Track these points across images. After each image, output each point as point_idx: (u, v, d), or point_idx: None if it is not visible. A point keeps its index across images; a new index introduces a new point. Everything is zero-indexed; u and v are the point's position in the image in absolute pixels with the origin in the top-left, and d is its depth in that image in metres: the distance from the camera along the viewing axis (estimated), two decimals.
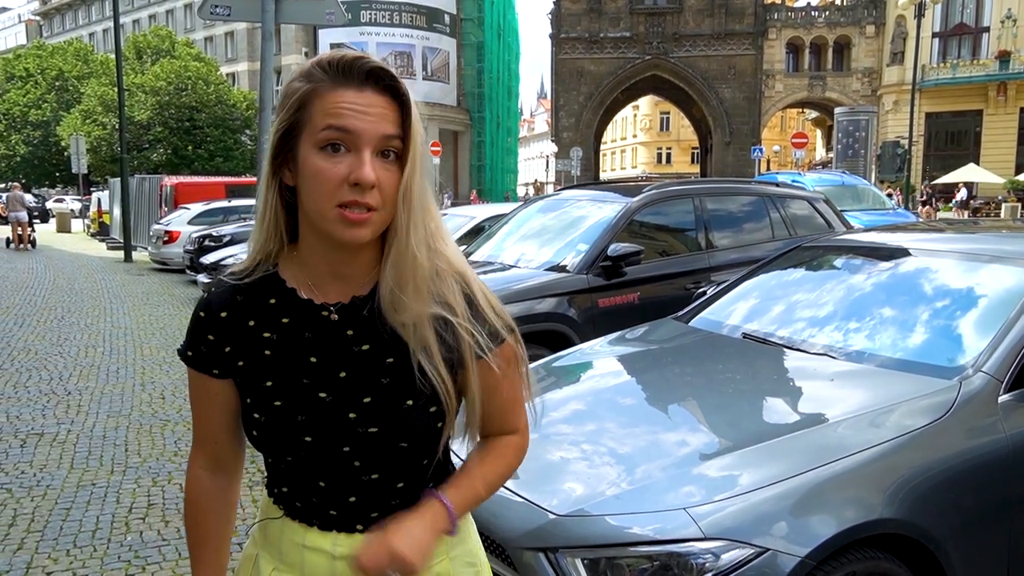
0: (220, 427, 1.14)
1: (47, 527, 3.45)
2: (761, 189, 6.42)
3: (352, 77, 0.98)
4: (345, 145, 0.97)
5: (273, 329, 1.07)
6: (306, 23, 7.51)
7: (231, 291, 1.09)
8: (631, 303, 5.01)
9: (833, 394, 2.53)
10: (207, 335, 1.08)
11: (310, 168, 0.99)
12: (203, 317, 1.09)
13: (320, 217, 1.00)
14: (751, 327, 3.19)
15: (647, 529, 1.96)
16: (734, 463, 2.14)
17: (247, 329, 1.08)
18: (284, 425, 1.05)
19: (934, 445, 2.21)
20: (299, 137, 1.00)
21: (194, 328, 1.10)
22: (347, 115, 0.97)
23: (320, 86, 0.99)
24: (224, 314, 1.08)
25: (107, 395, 5.74)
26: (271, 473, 1.15)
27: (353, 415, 1.05)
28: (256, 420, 1.06)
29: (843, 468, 2.07)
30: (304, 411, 1.05)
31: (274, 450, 1.08)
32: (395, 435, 1.05)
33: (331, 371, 1.06)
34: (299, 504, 1.11)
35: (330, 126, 0.97)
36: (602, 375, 3.18)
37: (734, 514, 1.95)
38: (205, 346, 1.09)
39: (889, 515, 2.04)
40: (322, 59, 1.01)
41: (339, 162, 0.97)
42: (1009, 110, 38.21)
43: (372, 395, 1.05)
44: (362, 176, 0.96)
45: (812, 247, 3.74)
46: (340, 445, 1.05)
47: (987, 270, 2.92)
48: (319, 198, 0.99)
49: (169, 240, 14.36)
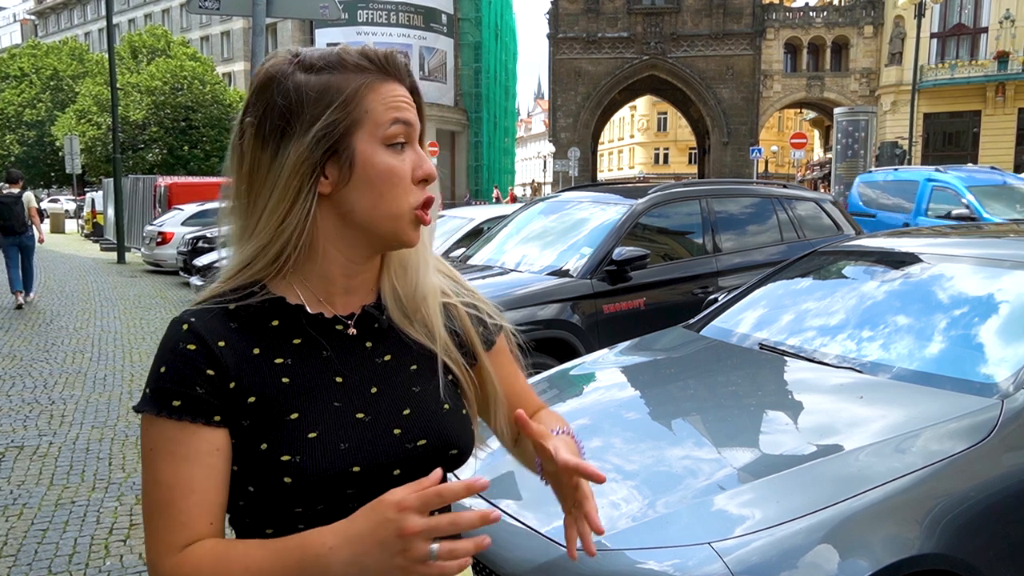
0: (217, 497, 0.87)
1: (21, 551, 3.26)
2: (767, 190, 6.25)
3: (397, 70, 0.93)
4: (407, 141, 0.93)
5: (285, 354, 0.91)
6: (299, 17, 7.32)
7: (218, 319, 0.90)
8: (637, 309, 4.84)
9: (862, 413, 2.34)
10: (204, 371, 0.86)
11: (383, 168, 0.90)
12: (194, 351, 0.87)
13: (392, 221, 0.91)
14: (767, 337, 3.01)
15: (667, 565, 1.79)
16: (757, 493, 1.96)
17: (253, 358, 0.89)
18: (327, 459, 0.87)
19: (977, 470, 2.03)
20: (352, 135, 0.89)
21: (182, 367, 0.86)
22: (404, 108, 0.92)
23: (374, 78, 0.91)
24: (222, 343, 0.88)
25: (92, 404, 5.55)
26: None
27: (398, 431, 0.93)
28: (288, 464, 0.86)
29: (877, 499, 1.90)
30: (346, 438, 0.89)
31: (312, 497, 0.87)
32: (444, 443, 0.96)
33: (361, 388, 0.93)
34: None
35: (398, 120, 0.91)
36: (609, 388, 3.01)
37: (761, 550, 1.78)
38: (202, 386, 0.86)
39: (929, 550, 1.87)
40: (363, 51, 0.93)
41: (404, 159, 0.92)
42: (1008, 111, 38.15)
43: (410, 406, 0.95)
44: (431, 170, 0.93)
45: (829, 252, 3.57)
46: (391, 468, 0.91)
47: (1016, 277, 2.75)
48: (394, 200, 0.91)
49: (162, 241, 14.22)
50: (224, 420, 0.88)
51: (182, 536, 0.85)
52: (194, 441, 0.86)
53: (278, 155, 0.88)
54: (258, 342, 0.91)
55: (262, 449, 0.87)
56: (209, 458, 0.87)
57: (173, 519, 0.85)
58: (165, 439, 0.86)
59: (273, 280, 0.93)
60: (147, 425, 0.87)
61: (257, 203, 0.90)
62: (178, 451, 0.85)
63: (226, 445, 0.88)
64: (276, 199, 0.89)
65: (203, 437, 0.86)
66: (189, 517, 0.85)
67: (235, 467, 0.89)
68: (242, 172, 0.91)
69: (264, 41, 5.09)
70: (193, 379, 0.86)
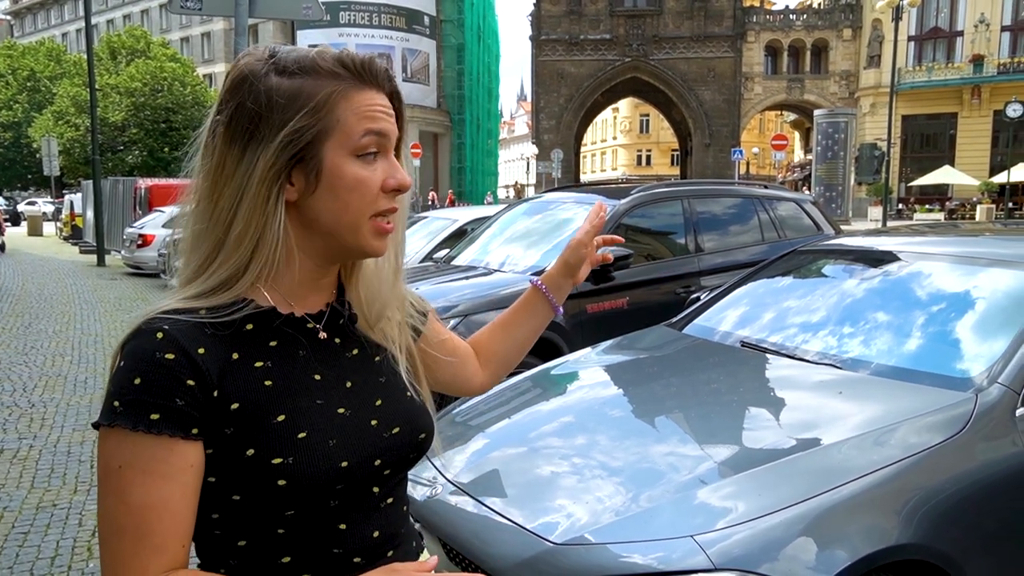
0: (191, 519, 0.85)
1: (2, 554, 3.23)
2: (749, 191, 6.31)
3: (375, 77, 0.92)
4: (380, 151, 0.92)
5: (263, 357, 0.91)
6: (281, 17, 7.32)
7: (194, 325, 0.87)
8: (620, 308, 4.87)
9: (841, 408, 2.39)
10: (184, 381, 0.83)
11: (349, 177, 0.89)
12: (172, 360, 0.83)
13: (351, 230, 0.91)
14: (749, 335, 3.05)
15: (651, 558, 1.81)
16: (739, 486, 2.00)
17: (233, 364, 0.87)
18: (319, 457, 0.88)
19: (952, 463, 2.08)
20: (321, 143, 0.88)
21: (159, 377, 0.82)
22: (380, 118, 0.91)
23: (347, 86, 0.90)
24: (202, 350, 0.85)
25: (73, 407, 5.50)
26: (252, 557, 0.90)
27: (375, 422, 0.96)
28: (280, 467, 0.85)
29: (856, 491, 1.93)
30: (332, 434, 0.91)
31: (304, 497, 0.87)
32: (415, 429, 1.00)
33: (338, 384, 0.96)
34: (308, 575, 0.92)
35: (370, 131, 0.90)
36: (593, 386, 3.03)
37: (743, 542, 1.81)
38: (181, 397, 0.82)
39: (906, 540, 1.91)
40: (340, 56, 0.91)
41: (375, 169, 0.91)
42: (983, 113, 38.73)
43: (381, 397, 0.99)
44: (403, 180, 0.93)
45: (809, 251, 3.62)
46: (373, 460, 0.94)
47: (991, 275, 2.81)
48: (356, 209, 0.91)
49: (143, 244, 14.06)
50: (201, 432, 0.84)
51: (157, 562, 0.81)
52: (172, 457, 0.82)
53: (244, 158, 0.87)
54: (235, 347, 0.89)
55: (248, 455, 0.85)
56: (184, 475, 0.83)
57: (146, 543, 0.80)
58: (139, 456, 0.81)
59: (247, 286, 0.92)
60: (116, 441, 0.82)
61: (219, 204, 0.88)
62: (156, 469, 0.81)
63: (200, 461, 0.85)
64: (246, 208, 0.87)
65: (179, 453, 0.82)
66: (164, 540, 0.81)
67: (212, 479, 0.86)
68: (208, 171, 0.89)
69: (247, 42, 5.08)
70: (172, 390, 0.82)
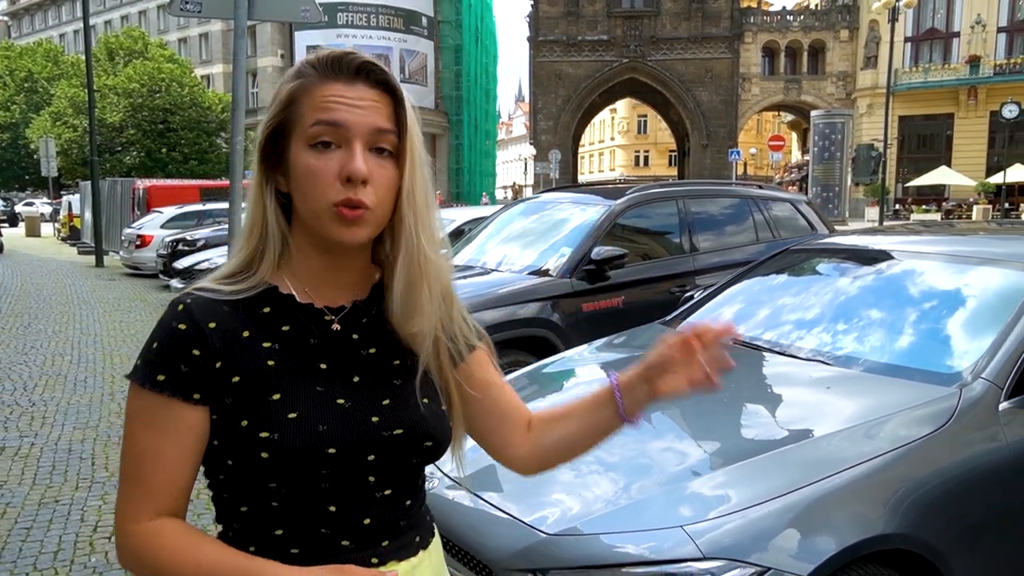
0: (179, 481, 0.94)
1: (5, 548, 3.28)
2: (744, 191, 6.37)
3: (342, 71, 0.95)
4: (336, 141, 0.94)
5: (273, 338, 0.97)
6: (280, 20, 7.33)
7: (212, 303, 0.96)
8: (615, 307, 4.92)
9: (830, 402, 2.44)
10: (191, 350, 0.92)
11: (301, 168, 0.94)
12: (184, 330, 0.93)
13: (315, 218, 0.94)
14: (741, 333, 3.10)
15: (642, 548, 1.87)
16: (729, 478, 2.05)
17: (241, 341, 0.95)
18: (304, 439, 0.93)
19: (936, 456, 2.13)
20: (289, 137, 0.96)
21: (171, 344, 0.93)
22: (336, 108, 0.93)
23: (309, 82, 0.95)
24: (213, 324, 0.94)
25: (74, 406, 5.54)
26: (251, 523, 0.97)
27: (376, 419, 0.98)
28: (266, 441, 0.91)
29: (843, 482, 1.99)
30: (324, 421, 0.95)
31: (288, 474, 0.93)
32: (420, 435, 1.01)
33: (344, 376, 0.99)
34: (296, 551, 0.96)
35: (319, 121, 0.93)
36: (588, 383, 3.08)
37: (732, 531, 1.86)
38: (187, 364, 0.92)
39: (892, 530, 1.97)
40: (311, 57, 0.98)
41: (331, 159, 0.93)
42: (979, 113, 38.83)
43: (390, 397, 1.01)
44: (353, 169, 0.92)
45: (801, 250, 3.67)
46: (366, 453, 0.97)
47: (981, 273, 2.86)
48: (313, 198, 0.94)
49: (141, 244, 14.09)
50: (204, 399, 0.93)
51: (147, 506, 0.92)
52: (170, 417, 0.92)
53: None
54: (248, 326, 0.96)
55: (242, 426, 0.92)
56: (181, 435, 0.93)
57: (140, 487, 0.93)
58: (144, 410, 0.93)
59: (269, 271, 1.00)
60: (132, 394, 0.94)
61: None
62: (154, 423, 0.92)
63: (200, 424, 0.94)
64: (251, 199, 0.99)
65: (179, 414, 0.92)
66: (155, 488, 0.92)
67: (215, 441, 0.95)
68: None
69: (245, 44, 5.12)
70: (179, 357, 0.92)
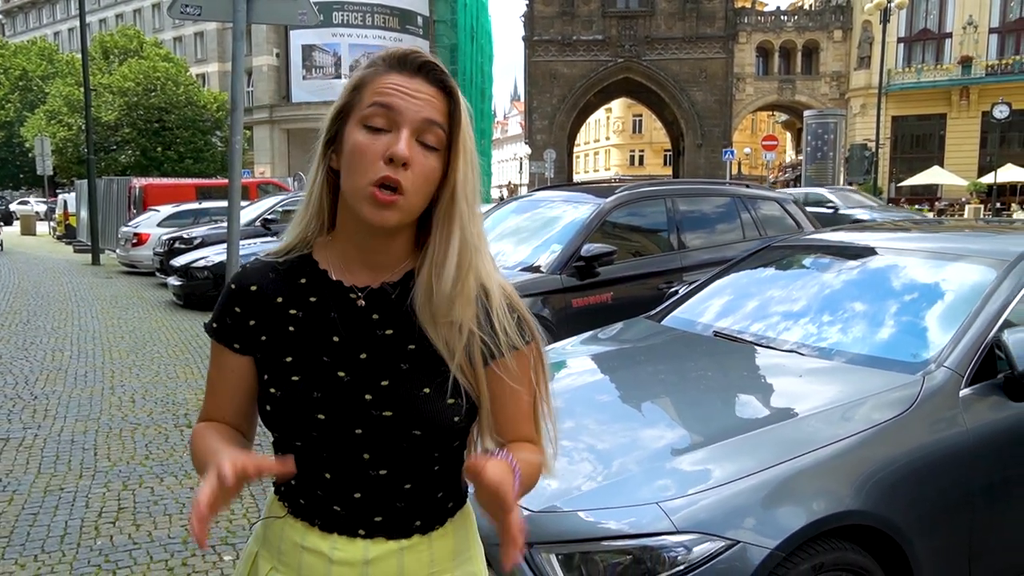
0: (230, 405, 1.14)
1: (14, 532, 3.39)
2: (732, 190, 6.50)
3: (406, 66, 1.04)
4: (387, 126, 1.01)
5: (300, 306, 1.09)
6: (278, 23, 7.45)
7: (265, 268, 1.12)
8: (604, 303, 5.05)
9: (803, 389, 2.58)
10: (234, 307, 1.11)
11: (351, 143, 1.02)
12: (233, 290, 1.11)
13: (354, 195, 1.02)
14: (722, 325, 3.24)
15: (620, 523, 1.98)
16: (706, 457, 2.18)
17: (274, 305, 1.10)
18: (298, 401, 1.05)
19: (898, 439, 2.26)
20: (349, 117, 1.04)
21: (223, 300, 1.12)
22: (393, 94, 1.01)
23: (376, 71, 1.04)
24: (254, 288, 1.11)
25: (75, 399, 5.64)
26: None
27: (369, 396, 1.05)
28: (272, 395, 1.07)
29: (812, 461, 2.12)
30: (320, 388, 1.05)
31: (285, 428, 1.07)
32: (408, 421, 1.04)
33: (352, 351, 1.06)
34: (303, 501, 1.10)
35: (375, 103, 1.02)
36: (577, 374, 3.20)
37: (706, 507, 1.99)
38: (231, 318, 1.11)
39: (856, 507, 2.09)
40: (383, 52, 1.07)
41: (379, 140, 1.01)
42: (971, 114, 39.04)
43: (390, 379, 1.05)
44: (397, 150, 0.99)
45: (782, 246, 3.81)
46: (352, 426, 1.04)
47: (950, 268, 3.00)
48: (356, 174, 1.01)
49: (138, 243, 14.15)
50: (243, 349, 1.12)
51: (205, 414, 1.17)
52: (222, 358, 1.14)
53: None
54: (284, 292, 1.10)
55: (264, 378, 1.09)
56: (226, 373, 1.14)
57: (207, 402, 1.17)
58: (212, 353, 1.15)
59: (319, 243, 1.12)
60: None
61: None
62: (214, 359, 1.15)
63: (241, 368, 1.12)
64: (311, 173, 1.09)
65: (226, 358, 1.13)
66: (210, 406, 1.16)
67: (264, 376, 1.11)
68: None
69: (243, 45, 5.23)
70: (226, 312, 1.12)
